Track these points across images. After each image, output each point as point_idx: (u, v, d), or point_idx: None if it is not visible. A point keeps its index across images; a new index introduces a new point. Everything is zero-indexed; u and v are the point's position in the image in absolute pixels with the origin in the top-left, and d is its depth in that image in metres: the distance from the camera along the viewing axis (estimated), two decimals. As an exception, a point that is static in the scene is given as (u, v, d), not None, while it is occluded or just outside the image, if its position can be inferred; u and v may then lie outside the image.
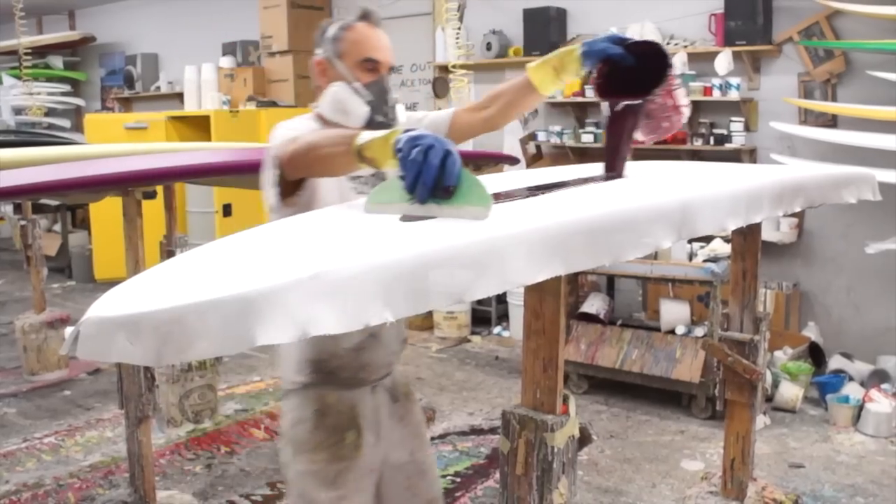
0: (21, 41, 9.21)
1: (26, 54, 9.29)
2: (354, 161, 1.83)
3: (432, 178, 1.58)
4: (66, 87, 12.26)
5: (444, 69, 7.60)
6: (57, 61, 12.26)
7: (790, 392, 5.34)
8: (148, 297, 1.18)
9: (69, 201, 8.29)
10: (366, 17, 2.43)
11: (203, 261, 1.39)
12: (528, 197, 1.82)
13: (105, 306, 1.19)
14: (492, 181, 2.25)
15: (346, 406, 2.46)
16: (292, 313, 1.09)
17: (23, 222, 6.17)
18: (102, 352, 1.11)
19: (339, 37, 2.42)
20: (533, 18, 7.13)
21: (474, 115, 2.50)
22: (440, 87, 8.04)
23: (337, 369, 2.44)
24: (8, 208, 11.20)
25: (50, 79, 12.08)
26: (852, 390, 5.31)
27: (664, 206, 1.62)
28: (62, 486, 4.40)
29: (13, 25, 9.14)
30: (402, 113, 2.48)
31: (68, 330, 1.19)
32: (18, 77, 10.95)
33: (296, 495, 2.48)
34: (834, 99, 5.87)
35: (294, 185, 2.17)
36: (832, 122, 5.85)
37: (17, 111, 11.76)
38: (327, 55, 2.44)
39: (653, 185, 2.04)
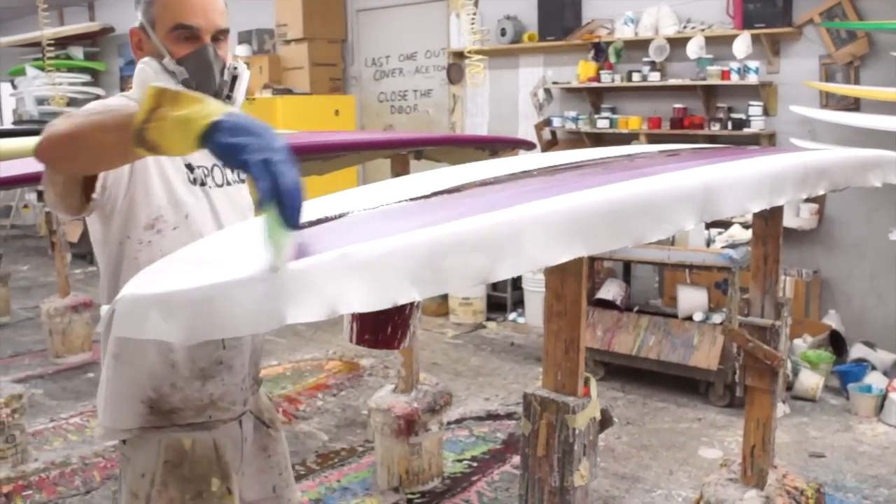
0: (44, 33, 9.27)
1: (48, 46, 9.37)
2: (128, 147, 1.28)
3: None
4: (87, 77, 12.33)
5: (459, 55, 7.60)
6: (77, 52, 12.33)
7: (810, 381, 5.31)
8: (180, 277, 1.20)
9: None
10: None
11: (232, 242, 1.41)
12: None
13: (139, 285, 1.21)
14: (508, 164, 2.26)
15: (207, 449, 1.96)
16: (320, 291, 1.10)
17: (47, 210, 6.31)
18: (137, 329, 1.12)
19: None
20: (548, 3, 7.08)
21: None
22: (455, 73, 8.05)
23: (178, 407, 1.92)
24: (32, 196, 11.33)
25: (71, 69, 12.15)
26: (875, 380, 5.25)
27: (687, 187, 1.61)
28: (88, 465, 4.49)
29: (36, 18, 9.20)
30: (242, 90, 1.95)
31: (104, 308, 1.21)
32: (41, 68, 11.02)
33: None
34: (857, 82, 5.80)
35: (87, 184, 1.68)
36: (854, 105, 5.79)
37: (40, 101, 11.91)
38: (141, 23, 1.99)
39: (675, 166, 2.04)
